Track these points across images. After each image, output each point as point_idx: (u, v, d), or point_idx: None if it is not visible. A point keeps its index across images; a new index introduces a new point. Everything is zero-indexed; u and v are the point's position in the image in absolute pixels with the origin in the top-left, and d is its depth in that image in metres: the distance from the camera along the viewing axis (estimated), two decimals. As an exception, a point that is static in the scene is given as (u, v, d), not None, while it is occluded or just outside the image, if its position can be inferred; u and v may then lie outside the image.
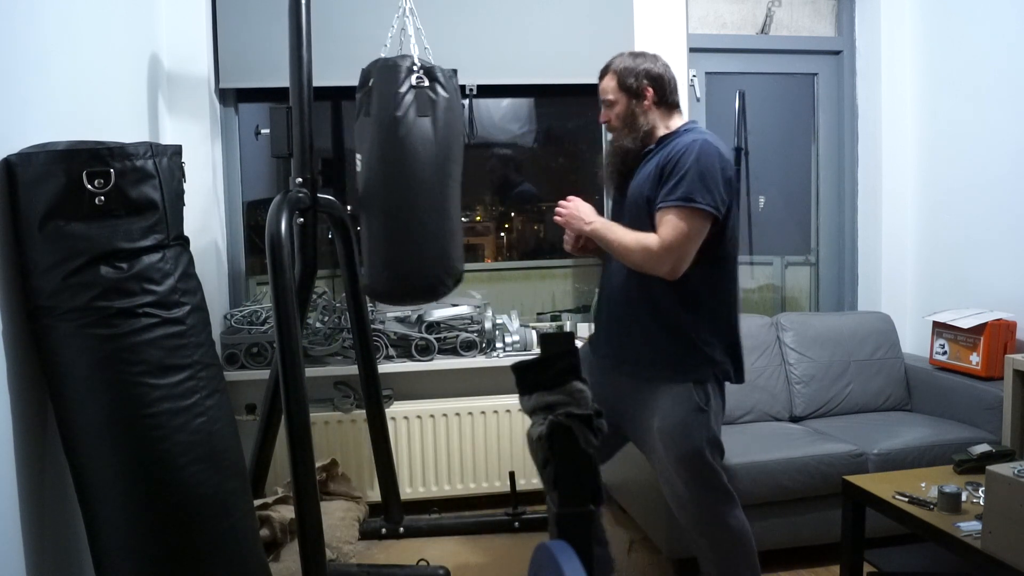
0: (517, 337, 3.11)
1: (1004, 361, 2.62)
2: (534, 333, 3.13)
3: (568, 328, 3.34)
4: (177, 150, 1.80)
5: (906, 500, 2.14)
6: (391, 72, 2.34)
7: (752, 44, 3.54)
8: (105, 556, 1.68)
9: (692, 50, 3.36)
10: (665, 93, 2.06)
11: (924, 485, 2.24)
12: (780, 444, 2.62)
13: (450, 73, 2.43)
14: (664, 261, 1.91)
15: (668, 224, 1.91)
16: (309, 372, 2.63)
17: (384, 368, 2.93)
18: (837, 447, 2.60)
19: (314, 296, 2.91)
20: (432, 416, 3.04)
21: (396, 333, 3.04)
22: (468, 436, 3.06)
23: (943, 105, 3.26)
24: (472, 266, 3.67)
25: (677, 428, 1.98)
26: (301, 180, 2.36)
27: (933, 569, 2.54)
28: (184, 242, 1.80)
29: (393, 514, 2.88)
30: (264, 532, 2.44)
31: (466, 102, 3.18)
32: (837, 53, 3.59)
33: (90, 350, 1.60)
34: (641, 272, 1.97)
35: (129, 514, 1.64)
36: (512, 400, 2.95)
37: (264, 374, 2.83)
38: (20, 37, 1.67)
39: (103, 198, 1.59)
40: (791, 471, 2.51)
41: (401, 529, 2.87)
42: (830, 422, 2.91)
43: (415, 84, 2.33)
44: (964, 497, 2.11)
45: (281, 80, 2.46)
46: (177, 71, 2.90)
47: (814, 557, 2.60)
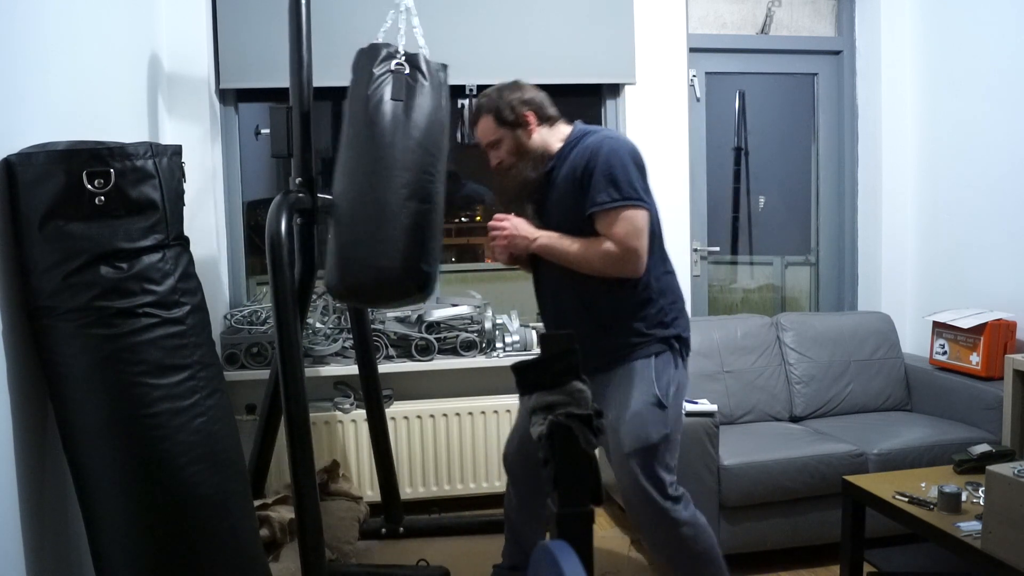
0: (517, 337, 3.11)
1: (1004, 361, 2.62)
2: (534, 333, 3.13)
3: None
4: (177, 150, 1.79)
5: (906, 500, 2.14)
6: (370, 54, 2.30)
7: (752, 44, 3.54)
8: (105, 556, 1.68)
9: (692, 50, 3.36)
10: (543, 111, 2.12)
11: (924, 485, 2.24)
12: (780, 444, 2.62)
13: (438, 66, 2.36)
14: (628, 260, 1.97)
15: (619, 224, 1.95)
16: (309, 372, 2.64)
17: (384, 368, 2.93)
18: (837, 447, 2.60)
19: (314, 296, 2.91)
20: (432, 416, 3.04)
21: (396, 333, 3.04)
22: (468, 436, 3.06)
23: (943, 105, 3.26)
24: (472, 266, 3.67)
25: (634, 418, 2.01)
26: (301, 180, 2.36)
27: (933, 569, 2.54)
28: (184, 242, 1.79)
29: (393, 514, 2.87)
30: (264, 532, 2.44)
31: (466, 102, 3.18)
32: (837, 53, 3.59)
33: (90, 350, 1.60)
34: (589, 275, 2.02)
35: (129, 514, 1.64)
36: (512, 400, 2.96)
37: (264, 374, 2.83)
38: (20, 37, 1.67)
39: (103, 198, 1.59)
40: (791, 471, 2.51)
41: (401, 529, 2.87)
42: (830, 422, 2.91)
43: (393, 68, 2.27)
44: (964, 497, 2.11)
45: (281, 80, 2.45)
46: (177, 71, 2.90)
47: (814, 557, 2.60)
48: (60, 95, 1.86)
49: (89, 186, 1.58)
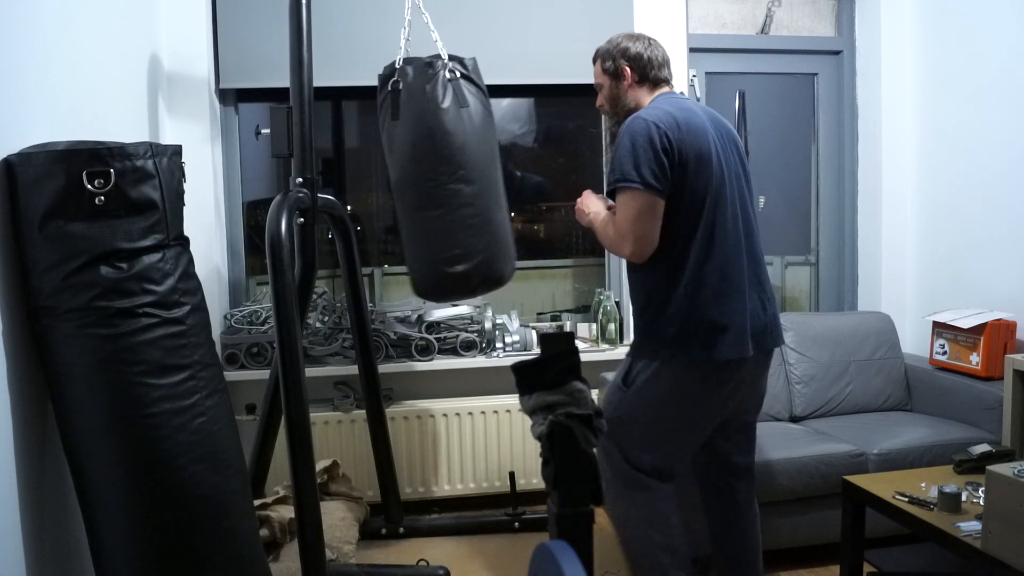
0: (517, 337, 3.11)
1: (1004, 361, 2.62)
2: (534, 333, 3.13)
3: (568, 328, 3.34)
4: (177, 150, 1.79)
5: (906, 500, 2.14)
6: (424, 70, 2.37)
7: (752, 44, 3.54)
8: (105, 556, 1.68)
9: (692, 50, 3.36)
10: (646, 71, 2.05)
11: (924, 485, 2.24)
12: (780, 444, 2.62)
13: (472, 61, 2.47)
14: (622, 245, 1.92)
15: (618, 206, 1.92)
16: (309, 372, 2.63)
17: (384, 368, 2.94)
18: (837, 447, 2.60)
19: (314, 296, 2.91)
20: (432, 416, 3.04)
21: (396, 333, 3.04)
22: (468, 436, 3.06)
23: (943, 105, 3.26)
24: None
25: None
26: (301, 180, 2.36)
27: (933, 569, 2.54)
28: (184, 242, 1.80)
29: (393, 514, 2.88)
30: (264, 532, 2.44)
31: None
32: (837, 53, 3.59)
33: (90, 350, 1.60)
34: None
35: (129, 514, 1.64)
36: (512, 400, 2.96)
37: (264, 374, 2.83)
38: (20, 37, 1.67)
39: (103, 198, 1.59)
40: (791, 471, 2.51)
41: (401, 529, 2.87)
42: (830, 422, 2.91)
43: (449, 78, 2.35)
44: (964, 497, 2.11)
45: (281, 80, 2.46)
46: (177, 71, 2.90)
47: (814, 557, 2.60)
48: (60, 95, 1.86)
49: (89, 186, 1.58)
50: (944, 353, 3.00)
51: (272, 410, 2.60)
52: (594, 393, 2.18)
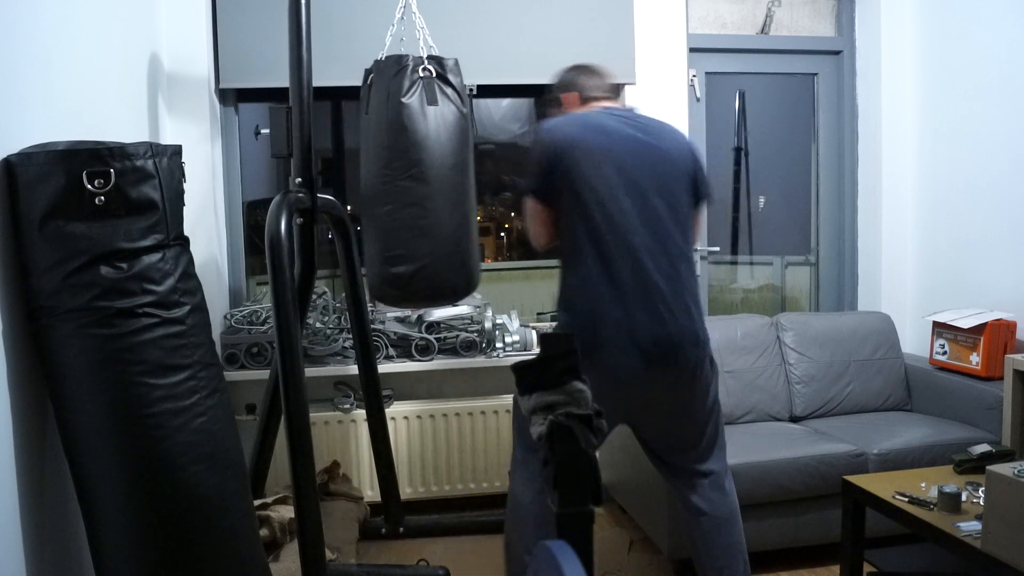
0: (517, 337, 3.11)
1: (1004, 361, 2.62)
2: (534, 333, 3.13)
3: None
4: (177, 150, 1.79)
5: (906, 500, 2.14)
6: (393, 65, 2.32)
7: (752, 44, 3.54)
8: (105, 556, 1.68)
9: (692, 50, 3.36)
10: (584, 94, 2.21)
11: (924, 485, 2.24)
12: (780, 444, 2.62)
13: (454, 62, 2.41)
14: (529, 240, 2.14)
15: None
16: (309, 372, 2.64)
17: (384, 368, 2.93)
18: (837, 447, 2.60)
19: (314, 296, 2.91)
20: (432, 416, 3.04)
21: (396, 333, 3.04)
22: (468, 436, 3.06)
23: (943, 105, 3.26)
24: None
25: None
26: (301, 180, 2.36)
27: (933, 569, 2.54)
28: (184, 242, 1.80)
29: (393, 514, 2.88)
30: (264, 532, 2.44)
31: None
32: (837, 53, 3.59)
33: (90, 350, 1.60)
34: None
35: (129, 514, 1.64)
36: (512, 400, 2.96)
37: (264, 374, 2.83)
38: (21, 37, 1.67)
39: (103, 198, 1.59)
40: (791, 471, 2.51)
41: (401, 529, 2.87)
42: (830, 422, 2.91)
43: (421, 75, 2.32)
44: (964, 497, 2.11)
45: (281, 80, 2.46)
46: (177, 71, 2.90)
47: (814, 557, 2.60)
48: (60, 95, 1.86)
49: (89, 186, 1.58)
50: (944, 353, 3.00)
51: (272, 410, 2.60)
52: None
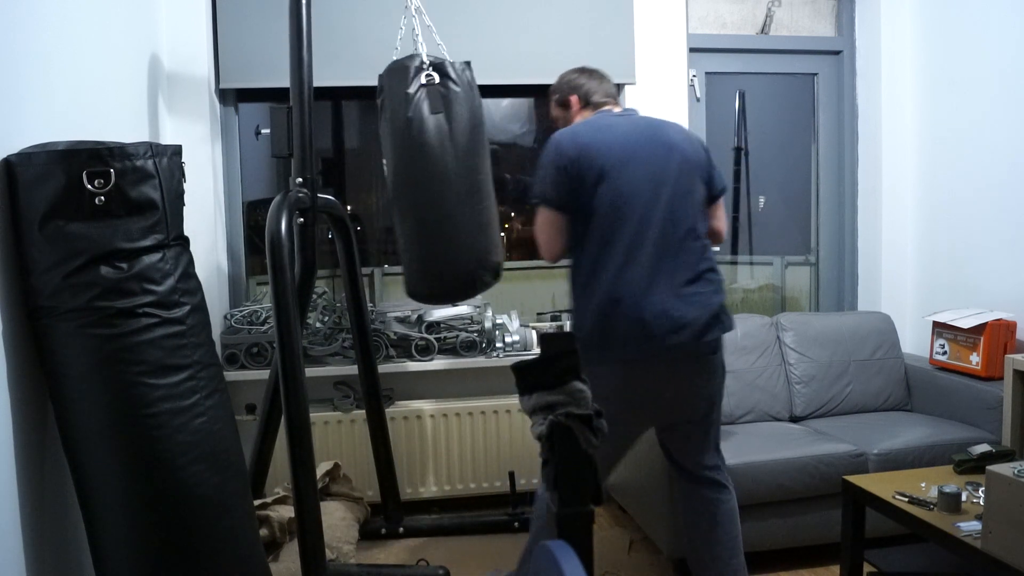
0: (517, 337, 3.11)
1: (1004, 361, 2.62)
2: (534, 333, 3.13)
3: (568, 328, 3.34)
4: (177, 150, 1.80)
5: (906, 500, 2.14)
6: (400, 74, 2.36)
7: (752, 44, 3.54)
8: (105, 556, 1.68)
9: (692, 50, 3.36)
10: (588, 98, 2.25)
11: (924, 485, 2.24)
12: (780, 444, 2.62)
13: (463, 66, 2.44)
14: (539, 251, 2.15)
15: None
16: (309, 372, 2.64)
17: (384, 368, 2.93)
18: (837, 447, 2.60)
19: (314, 296, 2.91)
20: (432, 416, 3.04)
21: (396, 333, 3.04)
22: (468, 436, 3.06)
23: (943, 105, 3.26)
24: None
25: None
26: (301, 180, 2.36)
27: (933, 569, 2.54)
28: (184, 242, 1.80)
29: (393, 514, 2.88)
30: (264, 532, 2.44)
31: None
32: (837, 53, 3.59)
33: (90, 350, 1.60)
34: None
35: (129, 514, 1.64)
36: (512, 400, 2.96)
37: (264, 374, 2.83)
38: (20, 37, 1.67)
39: (103, 198, 1.59)
40: (791, 471, 2.51)
41: (401, 529, 2.87)
42: (830, 422, 2.91)
43: (424, 83, 2.34)
44: (964, 497, 2.11)
45: (281, 80, 2.46)
46: (177, 71, 2.90)
47: (814, 557, 2.60)
48: (60, 95, 1.86)
49: (89, 186, 1.58)
50: (944, 353, 3.00)
51: (272, 410, 2.60)
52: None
